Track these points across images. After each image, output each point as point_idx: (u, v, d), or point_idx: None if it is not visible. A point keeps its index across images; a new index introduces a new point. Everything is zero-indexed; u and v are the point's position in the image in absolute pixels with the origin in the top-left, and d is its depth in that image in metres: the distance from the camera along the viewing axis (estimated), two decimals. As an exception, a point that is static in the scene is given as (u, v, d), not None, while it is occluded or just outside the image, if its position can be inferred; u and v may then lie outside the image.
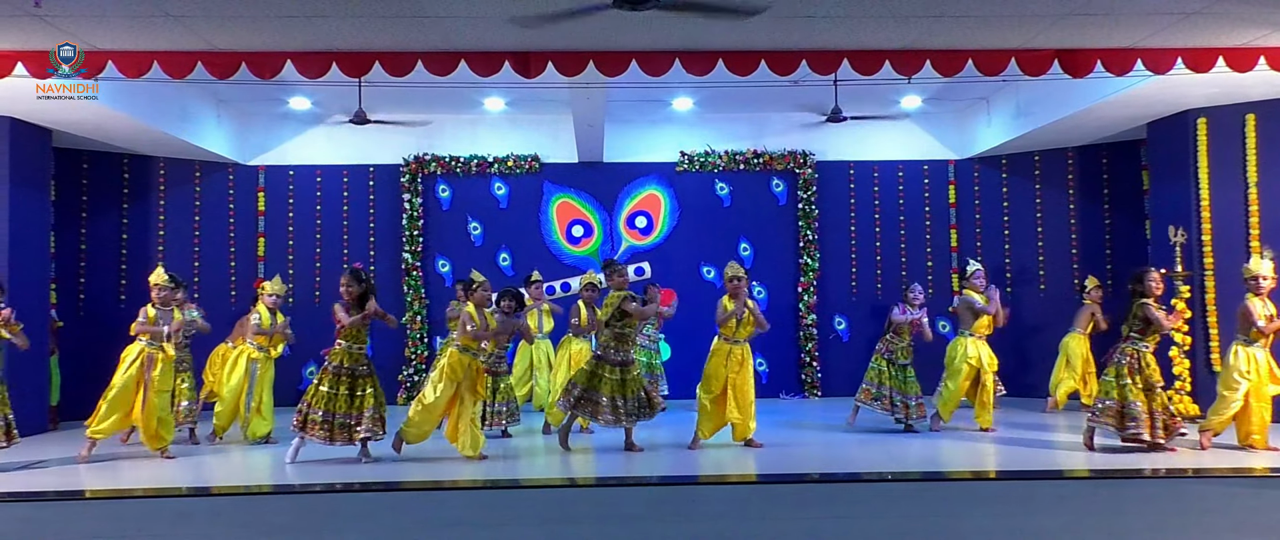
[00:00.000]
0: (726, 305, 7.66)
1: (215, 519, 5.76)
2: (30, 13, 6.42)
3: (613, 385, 7.52)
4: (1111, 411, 7.25)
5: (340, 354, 7.20)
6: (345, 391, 7.13)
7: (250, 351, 8.55)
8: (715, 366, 7.67)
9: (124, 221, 11.10)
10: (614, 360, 7.59)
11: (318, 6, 6.61)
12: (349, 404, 7.14)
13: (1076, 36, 7.46)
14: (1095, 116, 9.76)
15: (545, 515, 5.70)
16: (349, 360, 7.20)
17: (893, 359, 8.63)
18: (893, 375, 8.58)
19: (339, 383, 7.14)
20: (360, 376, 7.23)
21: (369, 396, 7.20)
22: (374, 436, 7.19)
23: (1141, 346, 7.34)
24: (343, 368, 7.19)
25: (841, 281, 11.99)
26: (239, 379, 8.49)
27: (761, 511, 5.70)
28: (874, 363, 8.76)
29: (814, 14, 6.92)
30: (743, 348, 7.70)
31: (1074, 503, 5.81)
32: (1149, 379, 7.26)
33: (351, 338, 7.20)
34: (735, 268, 7.76)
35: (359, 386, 7.19)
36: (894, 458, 7.41)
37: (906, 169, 12.14)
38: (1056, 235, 11.51)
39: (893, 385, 8.56)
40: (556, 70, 7.73)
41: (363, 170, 11.83)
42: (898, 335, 8.68)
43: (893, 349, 8.66)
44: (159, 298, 7.64)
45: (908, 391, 8.56)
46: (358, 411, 7.14)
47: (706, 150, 11.95)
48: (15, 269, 8.94)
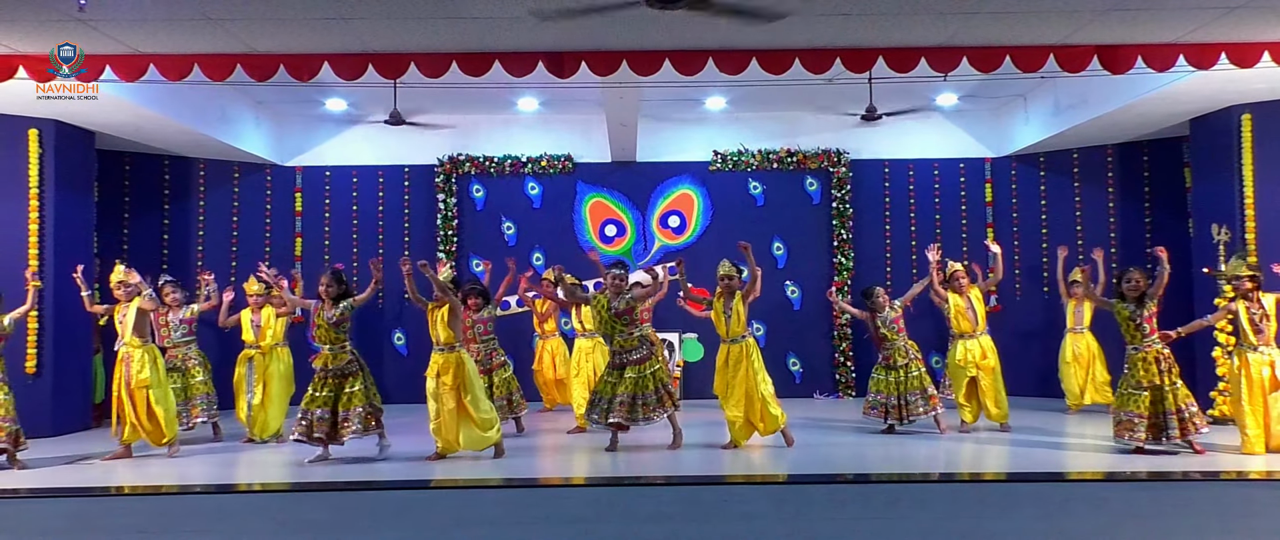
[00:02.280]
0: (716, 305, 7.65)
1: (251, 515, 5.84)
2: (75, 17, 6.54)
3: (627, 384, 7.50)
4: (1126, 423, 7.18)
5: (323, 357, 7.26)
6: (327, 393, 7.18)
7: (248, 352, 8.68)
8: (720, 375, 7.65)
9: (165, 222, 11.27)
10: (616, 363, 7.60)
11: (354, 9, 6.67)
12: (333, 403, 7.16)
13: (1117, 32, 7.34)
14: (1136, 113, 9.60)
15: (576, 514, 5.72)
16: (332, 362, 7.24)
17: (891, 364, 8.46)
18: (891, 382, 8.38)
19: (324, 384, 7.21)
20: (347, 375, 7.26)
21: (357, 395, 7.20)
22: (361, 435, 7.19)
23: (1132, 350, 7.26)
24: (327, 369, 7.24)
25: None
26: (239, 377, 8.68)
27: (795, 511, 5.68)
28: (873, 374, 8.64)
29: (849, 11, 6.88)
30: (740, 346, 7.61)
31: (1112, 505, 5.73)
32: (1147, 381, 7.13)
33: (329, 340, 7.23)
34: (726, 266, 7.71)
35: (347, 384, 7.22)
36: (927, 459, 7.35)
37: (942, 167, 12.02)
38: (1096, 234, 11.32)
39: (889, 391, 8.37)
40: (590, 70, 7.74)
41: (398, 171, 11.92)
42: (886, 339, 8.45)
43: (888, 355, 8.46)
44: (122, 294, 7.63)
45: (912, 388, 8.34)
46: (345, 410, 7.16)
47: (740, 149, 11.91)
48: (60, 268, 9.10)
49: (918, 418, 8.35)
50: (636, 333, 7.61)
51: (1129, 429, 7.13)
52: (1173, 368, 7.18)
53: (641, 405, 7.45)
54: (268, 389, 8.54)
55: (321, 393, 7.17)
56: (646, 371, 7.54)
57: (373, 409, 7.28)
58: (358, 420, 7.14)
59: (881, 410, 8.44)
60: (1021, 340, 10.94)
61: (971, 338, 8.52)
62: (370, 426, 7.23)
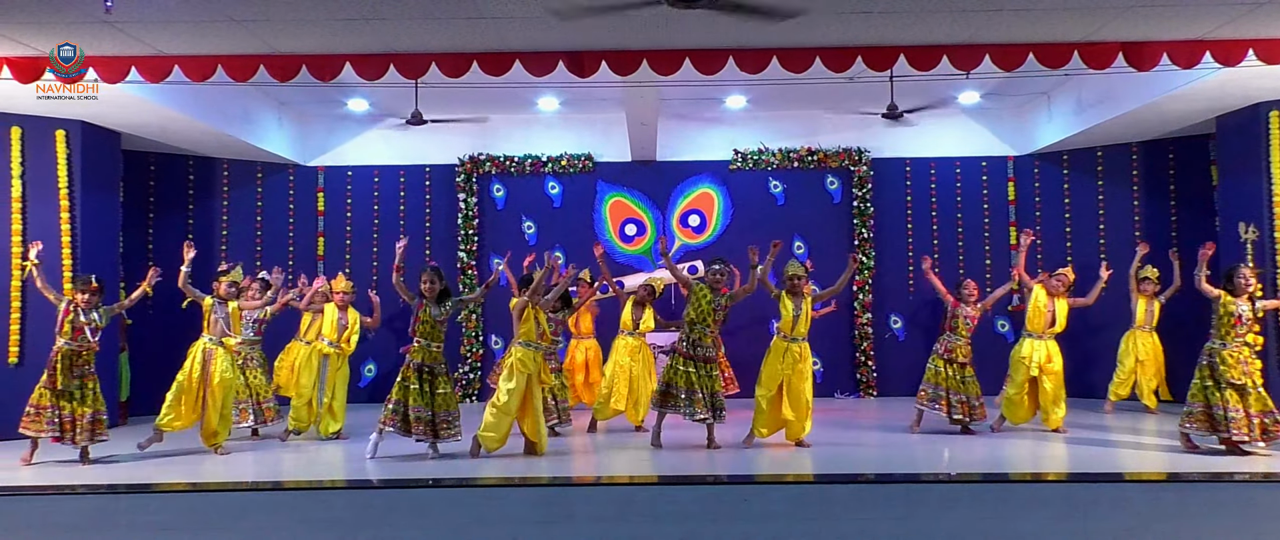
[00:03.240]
0: (786, 305, 7.65)
1: (275, 512, 5.88)
2: (102, 19, 6.61)
3: (687, 379, 7.57)
4: (1198, 416, 7.10)
5: (419, 351, 7.32)
6: (420, 386, 7.24)
7: (322, 347, 8.68)
8: (771, 365, 7.65)
9: (189, 222, 11.36)
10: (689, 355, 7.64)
11: (376, 9, 6.71)
12: (426, 399, 7.23)
13: (1142, 28, 7.26)
14: (1161, 110, 9.50)
15: (600, 513, 5.73)
16: (428, 358, 7.31)
17: (951, 358, 8.45)
18: (950, 375, 8.40)
19: (419, 378, 7.27)
20: (438, 374, 7.34)
21: (450, 397, 7.31)
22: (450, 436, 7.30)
23: (1217, 345, 7.15)
24: (424, 365, 7.30)
25: (898, 280, 11.84)
26: (312, 377, 8.64)
27: (818, 512, 5.66)
28: (932, 363, 8.57)
29: (870, 9, 6.85)
30: (800, 346, 7.65)
31: (1138, 506, 5.67)
32: (1229, 379, 7.03)
33: (428, 336, 7.32)
34: (795, 266, 7.83)
35: (439, 384, 7.31)
36: (953, 458, 7.30)
37: (964, 166, 11.94)
38: (1120, 233, 11.23)
39: (950, 386, 8.37)
40: (610, 69, 7.75)
41: (419, 170, 11.98)
42: (955, 333, 8.49)
43: (951, 348, 8.47)
44: (224, 293, 7.83)
45: (967, 391, 8.36)
46: (441, 409, 7.23)
47: (760, 148, 11.88)
48: (86, 268, 9.19)
49: (962, 421, 8.32)
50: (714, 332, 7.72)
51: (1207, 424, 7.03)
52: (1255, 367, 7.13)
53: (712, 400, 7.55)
54: (337, 388, 8.62)
55: (415, 386, 7.24)
56: (714, 371, 7.68)
57: (455, 412, 7.40)
58: (457, 424, 7.28)
59: (941, 403, 8.35)
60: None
61: (1040, 338, 8.45)
62: (449, 429, 7.31)
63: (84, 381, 7.30)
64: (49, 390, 7.17)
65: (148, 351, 10.26)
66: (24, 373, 8.57)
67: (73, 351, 7.23)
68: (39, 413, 7.15)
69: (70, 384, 7.20)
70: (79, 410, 7.20)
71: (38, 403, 7.18)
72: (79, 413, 7.20)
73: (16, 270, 8.81)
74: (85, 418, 7.21)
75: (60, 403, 7.17)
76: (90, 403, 7.27)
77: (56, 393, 7.16)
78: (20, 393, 7.57)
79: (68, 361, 7.20)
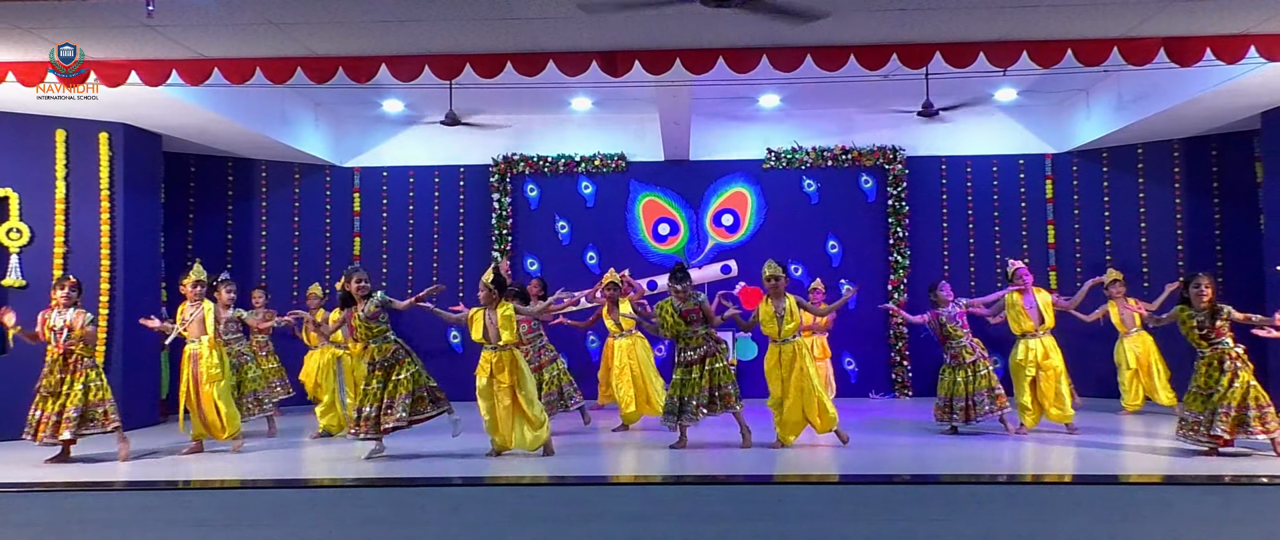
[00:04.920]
0: (765, 307, 7.61)
1: (310, 509, 5.95)
2: (143, 23, 6.72)
3: (692, 384, 7.53)
4: (1195, 425, 7.02)
5: (368, 352, 7.38)
6: (376, 385, 7.29)
7: (333, 351, 8.80)
8: (769, 371, 7.62)
9: (228, 222, 11.55)
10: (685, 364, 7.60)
11: (411, 11, 6.77)
12: (380, 393, 7.26)
13: (1184, 23, 7.14)
14: (1204, 106, 9.33)
15: (631, 512, 5.73)
16: (377, 354, 7.33)
17: (958, 363, 8.31)
18: (960, 381, 8.24)
19: (371, 377, 7.34)
20: (396, 363, 7.33)
21: (405, 380, 7.27)
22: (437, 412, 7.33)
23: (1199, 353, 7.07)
24: (374, 362, 7.34)
25: (933, 279, 11.54)
26: (330, 381, 8.77)
27: (851, 512, 5.62)
28: (940, 376, 8.48)
29: (905, 6, 6.79)
30: (792, 346, 7.56)
31: (1180, 509, 5.57)
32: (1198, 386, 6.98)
33: (365, 337, 7.34)
34: (773, 267, 7.67)
35: (395, 372, 7.30)
36: (985, 460, 7.22)
37: (1001, 164, 11.81)
38: (1161, 231, 11.05)
39: (957, 393, 8.22)
40: (643, 68, 7.75)
41: (453, 170, 12.06)
42: (950, 338, 8.32)
43: (955, 354, 8.32)
44: (194, 294, 7.81)
45: (979, 387, 8.19)
46: (390, 397, 7.23)
47: (794, 147, 11.83)
48: (128, 268, 9.40)
49: (983, 417, 8.18)
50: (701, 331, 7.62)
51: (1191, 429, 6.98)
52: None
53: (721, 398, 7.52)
54: (358, 386, 8.70)
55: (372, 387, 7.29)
56: (716, 364, 7.59)
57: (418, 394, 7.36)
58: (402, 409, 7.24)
59: (947, 412, 8.29)
60: (1082, 340, 10.69)
61: (1033, 337, 8.35)
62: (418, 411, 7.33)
63: (74, 377, 7.32)
64: (39, 394, 7.31)
65: (188, 350, 10.41)
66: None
67: (59, 353, 7.31)
68: (36, 420, 7.25)
69: (59, 384, 7.27)
70: (70, 404, 7.24)
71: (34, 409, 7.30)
72: (70, 405, 7.23)
73: (58, 270, 8.98)
74: (74, 411, 7.21)
75: (50, 404, 7.24)
76: (86, 395, 7.28)
77: (45, 394, 7.27)
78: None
79: (58, 363, 7.31)
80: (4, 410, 8.56)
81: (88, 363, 7.44)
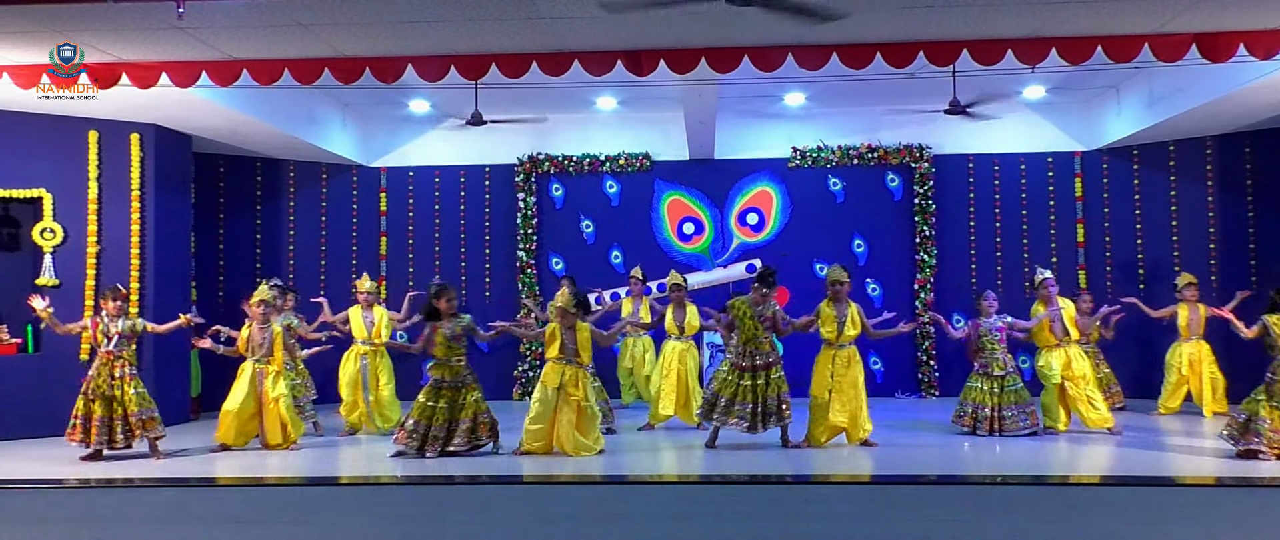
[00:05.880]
0: (825, 310, 7.60)
1: (343, 507, 5.99)
2: (174, 25, 6.80)
3: (743, 390, 7.54)
4: (1235, 423, 6.91)
5: (440, 369, 7.45)
6: (443, 405, 7.35)
7: (359, 348, 8.87)
8: (819, 372, 7.62)
9: (257, 222, 11.66)
10: (744, 368, 7.60)
11: (438, 11, 6.80)
12: (448, 416, 7.33)
13: (1217, 19, 7.04)
14: (1237, 103, 9.20)
15: (660, 512, 5.73)
16: (449, 374, 7.42)
17: (989, 373, 8.23)
18: (987, 390, 8.17)
19: (438, 396, 7.38)
20: (462, 388, 7.43)
21: (470, 404, 7.37)
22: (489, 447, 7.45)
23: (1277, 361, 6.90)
24: (443, 381, 7.41)
25: (960, 279, 11.64)
26: (352, 375, 8.83)
27: (879, 513, 5.60)
28: (968, 383, 8.40)
29: (933, 3, 6.74)
30: (847, 351, 7.61)
31: (1212, 512, 5.50)
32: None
33: (445, 354, 7.42)
34: (838, 271, 7.69)
35: (461, 396, 7.40)
36: (1013, 461, 7.16)
37: (1029, 162, 11.70)
38: (1194, 230, 10.91)
39: (983, 401, 8.15)
40: (668, 67, 7.74)
41: (479, 170, 12.11)
42: (985, 350, 8.26)
43: (987, 364, 8.24)
44: (259, 314, 7.90)
45: (1009, 401, 8.12)
46: (455, 419, 7.33)
47: (819, 145, 11.78)
48: (160, 267, 9.51)
49: (1015, 433, 8.09)
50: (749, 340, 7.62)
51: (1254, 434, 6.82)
52: None
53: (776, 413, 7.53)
54: (382, 382, 8.80)
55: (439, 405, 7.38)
56: (774, 374, 7.60)
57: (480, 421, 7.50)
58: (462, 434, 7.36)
59: (971, 420, 8.22)
60: (1115, 340, 10.59)
61: (1058, 348, 8.27)
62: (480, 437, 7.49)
63: (123, 384, 7.44)
64: (86, 398, 7.38)
65: (218, 349, 10.52)
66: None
67: (107, 361, 7.42)
68: (81, 422, 7.34)
69: (108, 390, 7.37)
70: (117, 412, 7.37)
71: (79, 413, 7.37)
72: (117, 414, 7.36)
73: (91, 269, 9.11)
74: (124, 418, 7.36)
75: (98, 408, 7.34)
76: (131, 404, 7.39)
77: (93, 399, 7.35)
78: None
79: (105, 370, 7.40)
80: (34, 409, 8.72)
81: (133, 370, 7.56)
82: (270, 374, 7.84)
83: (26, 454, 7.77)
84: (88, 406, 7.34)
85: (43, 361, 8.94)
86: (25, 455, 7.72)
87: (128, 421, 7.38)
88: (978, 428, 8.17)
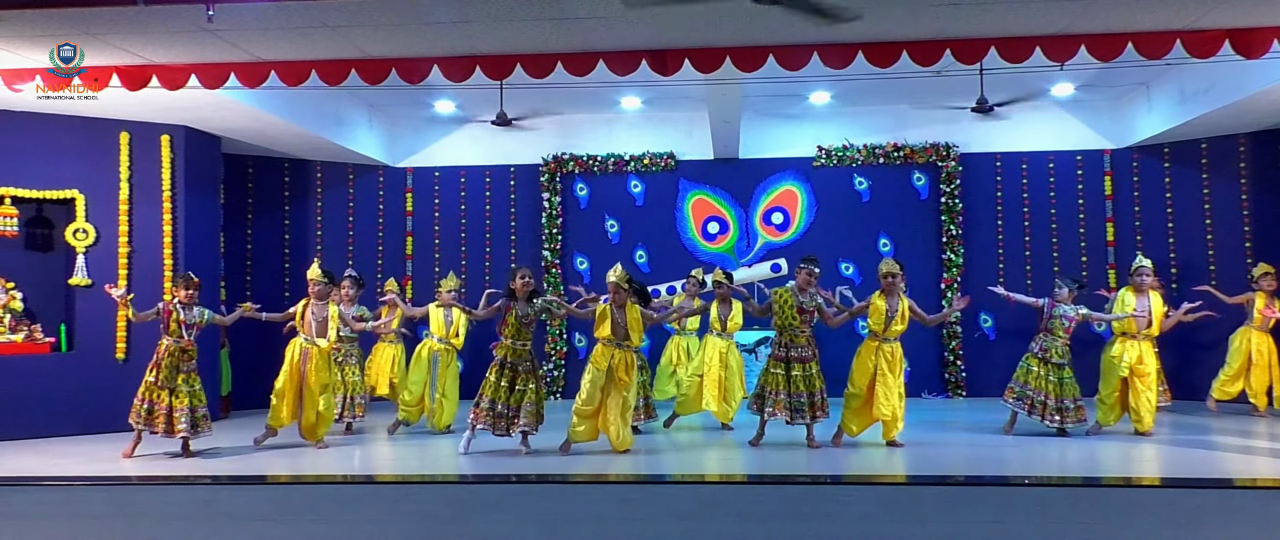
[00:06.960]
0: (877, 301, 7.56)
1: (372, 505, 6.03)
2: (203, 27, 6.87)
3: (777, 381, 7.56)
4: None
5: (504, 348, 7.46)
6: (505, 384, 7.38)
7: (433, 345, 8.89)
8: (862, 363, 7.59)
9: (285, 222, 11.76)
10: (782, 358, 7.62)
11: (463, 12, 6.83)
12: (508, 395, 7.37)
13: (1250, 14, 6.93)
14: (1271, 99, 9.06)
15: (685, 511, 5.72)
16: (511, 355, 7.44)
17: (1046, 358, 8.15)
18: (1044, 376, 8.10)
19: (501, 374, 7.42)
20: (522, 372, 7.45)
21: (530, 391, 7.41)
22: (530, 431, 7.42)
23: None
24: (506, 361, 7.44)
25: (988, 278, 11.51)
26: (422, 372, 8.85)
27: (906, 513, 5.56)
28: (1024, 362, 8.28)
29: (960, 1, 6.69)
30: (893, 346, 7.58)
31: (1245, 514, 5.42)
32: None
33: (513, 335, 7.45)
34: (891, 264, 7.67)
35: (520, 381, 7.42)
36: (1044, 461, 7.09)
37: (1058, 160, 11.58)
38: (1227, 228, 10.74)
39: (1042, 387, 8.06)
40: (693, 67, 7.73)
41: (504, 170, 12.15)
42: (1051, 333, 8.18)
43: (1047, 348, 8.15)
44: (315, 292, 8.00)
45: (1063, 394, 8.05)
46: (516, 404, 7.37)
47: (844, 144, 11.72)
48: (189, 267, 9.57)
49: (1063, 424, 8.01)
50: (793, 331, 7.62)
51: None
52: None
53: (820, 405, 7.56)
54: (448, 384, 8.85)
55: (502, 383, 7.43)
56: (812, 368, 7.62)
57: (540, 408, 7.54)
58: (526, 416, 7.39)
59: (1027, 404, 8.09)
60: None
61: (1134, 338, 8.18)
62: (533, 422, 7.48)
63: (188, 377, 7.63)
64: (154, 385, 7.51)
65: (248, 348, 10.62)
66: (130, 368, 8.98)
67: (178, 348, 7.56)
68: (145, 406, 7.50)
69: (173, 379, 7.51)
70: (178, 404, 7.52)
71: (145, 396, 7.53)
72: (178, 406, 7.51)
73: (123, 269, 9.23)
74: (185, 412, 7.52)
75: (163, 396, 7.50)
76: (191, 398, 7.57)
77: (159, 387, 7.50)
78: (127, 388, 7.95)
79: (173, 358, 7.55)
80: (67, 407, 8.84)
81: (193, 365, 7.72)
82: (314, 358, 7.86)
83: (61, 451, 7.89)
84: (153, 393, 7.50)
85: (76, 360, 9.07)
86: (59, 452, 7.84)
87: (193, 414, 7.55)
88: (1032, 411, 8.06)
